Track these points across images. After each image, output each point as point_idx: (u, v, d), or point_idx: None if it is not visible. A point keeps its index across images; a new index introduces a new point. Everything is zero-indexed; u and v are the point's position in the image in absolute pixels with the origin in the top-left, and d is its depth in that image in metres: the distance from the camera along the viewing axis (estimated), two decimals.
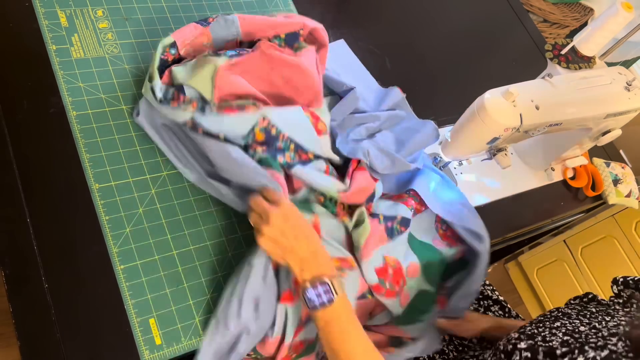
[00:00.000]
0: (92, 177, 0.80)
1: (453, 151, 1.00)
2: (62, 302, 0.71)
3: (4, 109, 0.80)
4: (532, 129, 0.92)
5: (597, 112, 0.98)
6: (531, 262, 2.09)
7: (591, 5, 2.11)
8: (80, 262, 0.74)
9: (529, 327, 0.73)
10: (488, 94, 0.89)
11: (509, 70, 1.35)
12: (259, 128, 0.79)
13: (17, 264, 0.71)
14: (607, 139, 1.07)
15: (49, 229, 0.75)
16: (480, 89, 0.92)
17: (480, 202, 1.09)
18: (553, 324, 0.71)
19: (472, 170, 1.12)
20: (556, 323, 0.71)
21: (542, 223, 1.18)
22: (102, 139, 0.83)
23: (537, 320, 0.76)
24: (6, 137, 0.78)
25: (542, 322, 0.74)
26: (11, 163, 0.77)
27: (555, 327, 0.70)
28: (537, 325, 0.73)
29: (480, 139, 0.93)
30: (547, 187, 1.19)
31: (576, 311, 0.75)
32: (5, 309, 0.67)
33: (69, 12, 0.92)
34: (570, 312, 0.75)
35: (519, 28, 1.45)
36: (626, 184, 1.23)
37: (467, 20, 1.40)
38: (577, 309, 0.77)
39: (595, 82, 0.98)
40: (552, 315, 0.76)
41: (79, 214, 0.77)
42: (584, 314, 0.73)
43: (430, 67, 1.25)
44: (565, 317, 0.73)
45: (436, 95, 1.13)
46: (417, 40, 1.28)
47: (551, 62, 1.17)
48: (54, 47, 0.87)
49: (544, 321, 0.74)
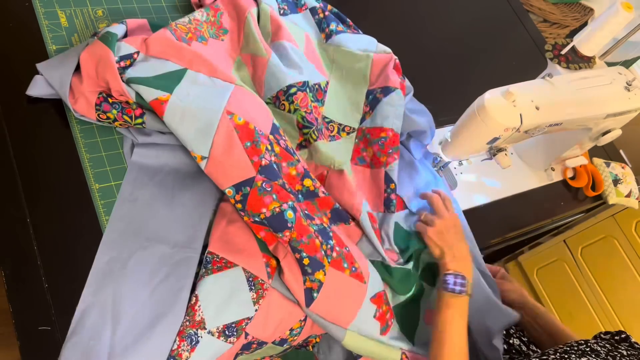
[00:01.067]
0: (92, 177, 0.80)
1: (453, 151, 1.00)
2: (62, 302, 0.71)
3: (4, 109, 0.80)
4: (532, 129, 0.92)
5: (597, 112, 0.98)
6: (531, 262, 2.09)
7: (591, 5, 2.11)
8: (80, 262, 0.74)
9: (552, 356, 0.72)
10: (488, 94, 0.89)
11: (509, 70, 1.35)
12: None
13: (17, 264, 0.71)
14: (607, 139, 1.07)
15: (49, 229, 0.75)
16: (480, 89, 0.92)
17: (480, 202, 1.09)
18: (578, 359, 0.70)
19: (472, 170, 1.12)
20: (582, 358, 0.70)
21: (542, 223, 1.18)
22: (102, 139, 0.83)
23: (562, 350, 0.74)
24: (6, 137, 0.78)
25: (567, 353, 0.72)
26: (11, 163, 0.77)
27: None
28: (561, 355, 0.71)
29: (480, 139, 0.93)
30: (547, 187, 1.19)
31: (606, 350, 0.73)
32: (5, 309, 0.67)
33: (69, 12, 0.92)
34: (600, 351, 0.73)
35: (519, 28, 1.45)
36: (626, 184, 1.23)
37: (467, 21, 1.40)
38: (608, 347, 0.74)
39: (595, 82, 0.98)
40: (579, 348, 0.74)
41: (79, 214, 0.77)
42: (613, 355, 0.71)
43: (430, 67, 1.25)
44: (593, 354, 0.71)
45: (436, 96, 1.13)
46: (417, 40, 1.28)
47: (551, 62, 1.17)
48: (54, 47, 0.87)
49: (569, 352, 0.72)
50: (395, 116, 0.98)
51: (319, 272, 0.77)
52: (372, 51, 1.05)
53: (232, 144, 0.77)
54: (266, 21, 0.98)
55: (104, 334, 0.69)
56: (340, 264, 0.80)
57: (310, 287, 0.77)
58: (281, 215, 0.76)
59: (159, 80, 0.79)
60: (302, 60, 0.97)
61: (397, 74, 1.05)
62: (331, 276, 0.78)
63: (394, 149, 0.96)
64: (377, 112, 1.00)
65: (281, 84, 0.91)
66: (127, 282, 0.73)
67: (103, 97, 0.79)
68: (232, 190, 0.76)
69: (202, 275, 0.75)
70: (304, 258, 0.76)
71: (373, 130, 0.98)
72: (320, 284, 0.77)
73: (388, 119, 0.98)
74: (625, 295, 1.75)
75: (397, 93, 1.00)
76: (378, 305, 0.84)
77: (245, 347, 0.76)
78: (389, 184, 0.95)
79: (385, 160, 0.96)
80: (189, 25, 0.89)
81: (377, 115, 1.00)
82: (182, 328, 0.72)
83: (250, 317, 0.75)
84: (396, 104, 0.99)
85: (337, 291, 0.79)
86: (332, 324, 0.81)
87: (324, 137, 0.95)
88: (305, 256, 0.76)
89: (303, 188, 0.86)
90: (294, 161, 0.84)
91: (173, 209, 0.80)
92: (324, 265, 0.78)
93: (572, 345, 0.76)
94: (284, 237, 0.76)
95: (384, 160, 0.96)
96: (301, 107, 0.91)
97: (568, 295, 1.94)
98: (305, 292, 0.77)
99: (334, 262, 0.79)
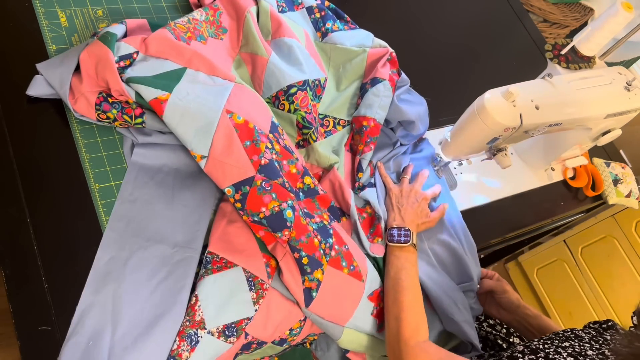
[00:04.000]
0: (92, 177, 0.80)
1: (453, 151, 1.00)
2: (62, 302, 0.71)
3: (4, 109, 0.80)
4: (532, 129, 0.92)
5: (597, 112, 0.98)
6: (531, 262, 2.09)
7: (591, 5, 2.11)
8: (80, 262, 0.74)
9: (536, 342, 0.73)
10: (488, 94, 0.89)
11: (509, 70, 1.35)
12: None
13: (17, 264, 0.71)
14: (607, 139, 1.07)
15: (49, 229, 0.75)
16: (480, 89, 0.92)
17: (480, 202, 1.09)
18: (561, 344, 0.70)
19: (472, 170, 1.12)
20: (565, 343, 0.70)
21: (542, 223, 1.18)
22: (102, 139, 0.83)
23: (547, 337, 0.75)
24: (6, 137, 0.78)
25: (551, 339, 0.73)
26: (11, 163, 0.77)
27: (562, 347, 0.69)
28: (544, 342, 0.72)
29: (480, 139, 0.93)
30: (547, 187, 1.19)
31: (590, 335, 0.74)
32: (5, 309, 0.67)
33: (69, 12, 0.92)
34: (584, 336, 0.74)
35: (519, 28, 1.45)
36: (626, 184, 1.23)
37: (467, 21, 1.40)
38: (592, 333, 0.75)
39: (595, 82, 0.98)
40: (564, 335, 0.75)
41: (79, 214, 0.77)
42: (596, 340, 0.72)
43: (430, 67, 1.25)
44: (577, 339, 0.72)
45: (436, 95, 1.13)
46: (416, 40, 1.28)
47: (551, 62, 1.17)
48: (54, 47, 0.87)
49: (553, 339, 0.73)
50: (379, 106, 0.99)
51: (317, 271, 0.77)
52: (368, 46, 1.07)
53: (232, 143, 0.77)
54: (266, 19, 0.98)
55: (104, 334, 0.69)
56: (338, 262, 0.80)
57: (309, 286, 0.77)
58: (280, 215, 0.76)
59: (159, 80, 0.79)
60: (304, 55, 0.98)
61: (387, 67, 1.06)
62: (329, 275, 0.78)
63: (372, 139, 0.97)
64: (362, 102, 1.01)
65: (281, 83, 0.91)
66: (127, 282, 0.73)
67: (103, 97, 0.79)
68: (232, 190, 0.76)
69: (202, 275, 0.75)
70: (303, 257, 0.76)
71: (357, 119, 1.00)
72: (319, 283, 0.77)
73: (371, 108, 0.98)
74: (625, 295, 1.75)
75: (384, 84, 1.01)
76: (375, 302, 0.85)
77: (245, 347, 0.76)
78: (358, 173, 0.96)
79: (362, 149, 0.96)
80: (188, 24, 0.89)
81: (362, 105, 1.01)
82: (182, 328, 0.72)
83: (250, 317, 0.75)
84: (381, 94, 1.00)
85: (335, 290, 0.79)
86: (330, 323, 0.81)
87: (320, 135, 0.95)
88: (304, 255, 0.76)
89: (304, 186, 0.86)
90: (293, 159, 0.85)
91: (173, 209, 0.80)
92: (322, 264, 0.78)
93: (557, 333, 0.77)
94: (283, 236, 0.76)
95: (361, 149, 0.97)
96: (301, 107, 0.91)
97: (568, 295, 1.94)
98: (305, 292, 0.77)
99: (332, 261, 0.79)
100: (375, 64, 1.05)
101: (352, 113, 1.03)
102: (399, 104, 1.01)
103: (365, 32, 1.10)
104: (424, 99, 1.08)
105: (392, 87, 1.03)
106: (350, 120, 1.02)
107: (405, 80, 1.08)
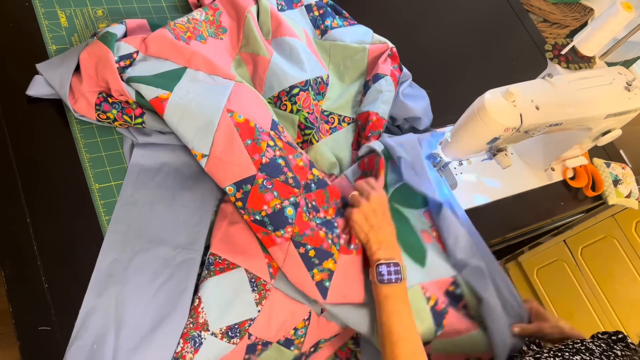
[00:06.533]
0: (92, 177, 0.80)
1: (453, 151, 1.00)
2: (62, 302, 0.71)
3: (4, 109, 0.80)
4: (532, 129, 0.92)
5: (597, 112, 0.98)
6: (531, 262, 2.08)
7: (591, 5, 2.11)
8: (80, 262, 0.74)
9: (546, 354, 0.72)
10: (488, 94, 0.89)
11: (509, 70, 1.35)
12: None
13: (17, 264, 0.71)
14: (607, 139, 1.07)
15: (49, 229, 0.75)
16: (480, 89, 0.91)
17: (480, 202, 1.09)
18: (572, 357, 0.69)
19: (472, 170, 1.12)
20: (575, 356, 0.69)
21: (542, 223, 1.18)
22: (102, 139, 0.83)
23: (557, 349, 0.73)
24: (6, 137, 0.78)
25: (561, 351, 0.72)
26: (11, 163, 0.77)
27: None
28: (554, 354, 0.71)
29: (480, 139, 0.92)
30: (547, 187, 1.19)
31: (601, 349, 0.73)
32: (5, 309, 0.67)
33: (69, 12, 0.92)
34: (594, 349, 0.72)
35: (519, 28, 1.45)
36: (626, 185, 1.23)
37: (467, 21, 1.40)
38: (603, 347, 0.74)
39: (595, 82, 0.98)
40: (574, 346, 0.73)
41: (79, 214, 0.77)
42: (607, 355, 0.71)
43: (430, 67, 1.25)
44: (587, 352, 0.71)
45: (436, 95, 1.13)
46: (416, 40, 1.28)
47: (551, 62, 1.17)
48: (54, 47, 0.87)
49: (563, 350, 0.72)
50: (382, 101, 1.00)
51: (327, 261, 0.77)
52: (367, 42, 1.07)
53: (233, 141, 0.77)
54: (266, 18, 0.98)
55: (107, 337, 0.69)
56: (346, 248, 0.80)
57: (320, 279, 0.77)
58: (281, 212, 0.76)
59: (159, 79, 0.79)
60: (306, 53, 0.98)
61: (388, 62, 1.06)
62: (342, 262, 0.78)
63: (374, 133, 0.98)
64: (365, 99, 1.02)
65: (284, 84, 0.91)
66: (129, 284, 0.73)
67: (103, 97, 0.79)
68: (233, 188, 0.76)
69: (204, 277, 0.76)
70: (309, 250, 0.76)
71: (361, 116, 1.00)
72: (331, 273, 0.77)
73: (374, 103, 0.99)
74: (626, 295, 1.75)
75: (386, 79, 1.02)
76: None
77: (250, 348, 0.76)
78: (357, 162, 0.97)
79: (364, 143, 0.97)
80: (188, 24, 0.89)
81: (365, 102, 1.02)
82: (185, 330, 0.72)
83: (253, 318, 0.75)
84: (384, 89, 1.01)
85: (348, 273, 0.79)
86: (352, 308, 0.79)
87: (323, 133, 0.95)
88: (310, 248, 0.76)
89: (314, 177, 0.85)
90: (298, 153, 0.85)
91: (174, 210, 0.80)
92: (332, 254, 0.78)
93: (567, 344, 0.76)
94: (285, 233, 0.76)
95: (363, 143, 0.97)
96: (304, 107, 0.91)
97: (568, 295, 1.94)
98: (318, 286, 0.77)
99: (342, 249, 0.80)
100: (377, 61, 1.05)
101: (357, 111, 1.03)
102: (405, 101, 1.02)
103: (364, 28, 1.11)
104: (424, 92, 1.10)
105: (395, 82, 1.03)
106: (355, 118, 1.03)
107: (407, 75, 1.09)
